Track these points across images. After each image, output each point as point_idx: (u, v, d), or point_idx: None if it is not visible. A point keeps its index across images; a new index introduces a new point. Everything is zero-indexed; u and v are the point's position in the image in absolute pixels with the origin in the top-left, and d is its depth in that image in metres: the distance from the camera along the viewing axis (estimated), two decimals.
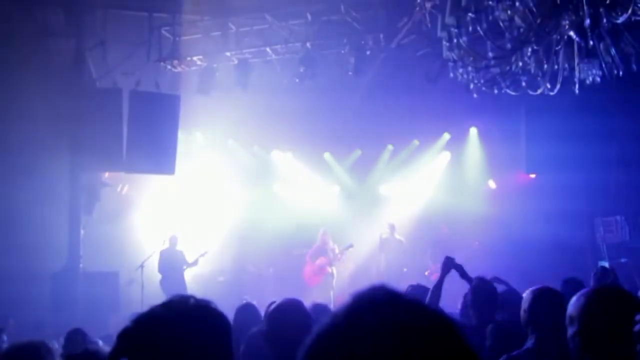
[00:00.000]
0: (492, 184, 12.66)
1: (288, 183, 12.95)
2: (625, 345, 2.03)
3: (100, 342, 4.37)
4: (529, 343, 2.88)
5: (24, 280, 8.10)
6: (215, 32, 9.41)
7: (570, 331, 2.16)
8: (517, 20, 5.24)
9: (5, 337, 5.87)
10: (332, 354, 0.79)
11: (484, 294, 3.98)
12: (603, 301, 2.11)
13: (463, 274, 4.46)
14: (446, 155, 12.92)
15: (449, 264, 4.46)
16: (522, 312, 3.01)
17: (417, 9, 8.12)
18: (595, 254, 10.82)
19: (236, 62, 9.47)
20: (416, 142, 12.96)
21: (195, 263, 10.24)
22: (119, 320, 8.02)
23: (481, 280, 4.23)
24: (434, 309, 0.85)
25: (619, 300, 2.12)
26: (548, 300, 2.96)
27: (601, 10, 4.72)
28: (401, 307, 0.83)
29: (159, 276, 10.05)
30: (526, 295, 3.09)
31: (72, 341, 4.26)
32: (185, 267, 10.16)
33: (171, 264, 10.02)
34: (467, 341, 0.83)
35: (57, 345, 4.54)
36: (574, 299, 2.19)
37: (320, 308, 4.12)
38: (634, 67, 5.45)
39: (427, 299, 4.32)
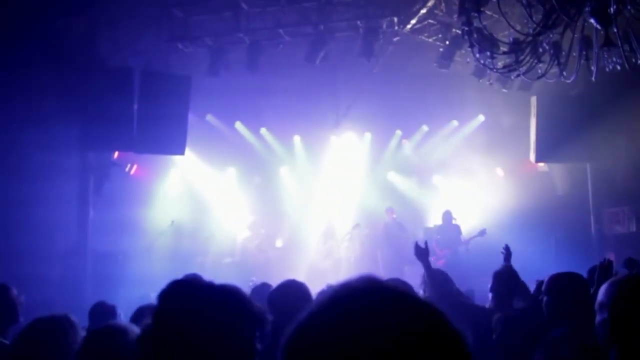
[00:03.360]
0: (499, 172, 12.64)
1: (296, 166, 12.94)
2: None
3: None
4: (560, 331, 2.88)
5: (33, 258, 8.13)
6: (227, 12, 9.30)
7: (599, 318, 2.16)
8: (537, 4, 5.19)
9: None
10: (313, 342, 0.79)
11: (506, 281, 3.98)
12: (635, 289, 2.10)
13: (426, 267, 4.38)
14: (454, 142, 12.88)
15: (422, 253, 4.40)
16: (544, 302, 3.01)
17: None
18: (601, 245, 10.82)
19: (247, 43, 9.39)
20: (425, 128, 12.94)
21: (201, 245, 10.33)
22: (128, 299, 8.08)
23: (506, 267, 4.22)
24: (420, 298, 0.84)
25: None
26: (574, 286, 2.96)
27: None
28: (385, 296, 0.82)
29: (167, 255, 10.10)
30: (547, 282, 3.08)
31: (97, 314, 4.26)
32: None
33: (178, 244, 10.07)
34: (457, 330, 0.82)
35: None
36: (604, 286, 2.18)
37: (294, 284, 4.08)
38: None
39: (429, 288, 4.29)
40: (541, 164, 11.52)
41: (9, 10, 7.83)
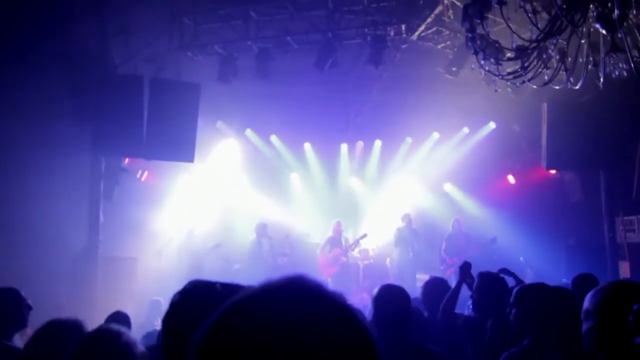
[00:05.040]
0: (511, 179, 12.54)
1: (306, 173, 12.97)
2: None
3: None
4: (527, 340, 2.87)
5: (43, 263, 8.22)
6: (237, 20, 9.41)
7: (585, 326, 2.13)
8: (543, 11, 5.16)
9: (29, 302, 6.02)
10: (228, 335, 0.79)
11: (487, 288, 3.93)
12: (621, 296, 2.07)
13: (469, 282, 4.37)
14: (464, 149, 12.82)
15: (467, 270, 4.38)
16: (512, 312, 3.01)
17: (439, 0, 8.03)
18: (615, 253, 10.66)
19: (257, 51, 9.47)
20: (436, 135, 12.89)
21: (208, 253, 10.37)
22: (137, 305, 8.15)
23: (486, 274, 4.17)
24: (342, 300, 0.83)
25: (636, 295, 2.08)
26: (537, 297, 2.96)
27: (632, 1, 4.62)
28: (299, 295, 0.82)
29: (176, 262, 10.16)
30: (514, 293, 3.07)
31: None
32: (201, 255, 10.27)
33: (187, 251, 10.12)
34: (369, 335, 0.82)
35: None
36: (590, 293, 2.15)
37: None
38: None
39: (446, 302, 4.27)
40: (553, 171, 11.39)
41: (22, 17, 7.98)
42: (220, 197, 12.18)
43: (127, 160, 10.30)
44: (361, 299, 10.28)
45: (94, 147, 9.05)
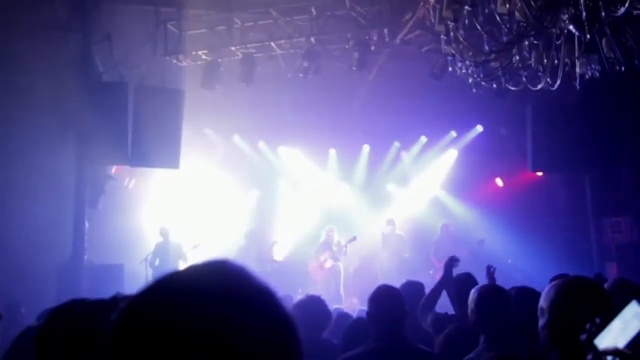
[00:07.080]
0: (499, 182, 12.57)
1: (294, 179, 12.97)
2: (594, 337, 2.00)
3: None
4: (480, 344, 2.90)
5: (29, 272, 8.18)
6: (220, 26, 9.44)
7: (540, 322, 2.14)
8: (516, 13, 5.19)
9: (23, 310, 6.10)
10: (141, 315, 0.77)
11: (466, 287, 3.97)
12: (572, 292, 2.09)
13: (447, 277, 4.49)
14: (452, 153, 12.86)
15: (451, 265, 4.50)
16: (469, 312, 3.04)
17: (421, 4, 8.08)
18: (602, 255, 10.69)
19: (241, 56, 9.50)
20: (424, 139, 12.93)
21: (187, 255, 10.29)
22: None
23: (466, 275, 4.24)
24: (264, 284, 0.83)
25: (588, 291, 2.10)
26: (494, 299, 2.99)
27: (600, 3, 4.66)
28: (223, 279, 0.81)
29: (163, 269, 10.09)
30: (472, 294, 3.11)
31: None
32: (180, 260, 10.20)
33: (164, 257, 10.06)
34: (291, 319, 0.82)
35: None
36: (545, 290, 2.17)
37: (315, 300, 4.11)
38: (636, 62, 5.38)
39: (426, 297, 4.36)
40: (540, 173, 11.44)
41: (4, 26, 7.98)
42: (208, 204, 12.15)
43: (114, 168, 10.28)
44: (351, 304, 10.27)
45: (79, 156, 9.03)
